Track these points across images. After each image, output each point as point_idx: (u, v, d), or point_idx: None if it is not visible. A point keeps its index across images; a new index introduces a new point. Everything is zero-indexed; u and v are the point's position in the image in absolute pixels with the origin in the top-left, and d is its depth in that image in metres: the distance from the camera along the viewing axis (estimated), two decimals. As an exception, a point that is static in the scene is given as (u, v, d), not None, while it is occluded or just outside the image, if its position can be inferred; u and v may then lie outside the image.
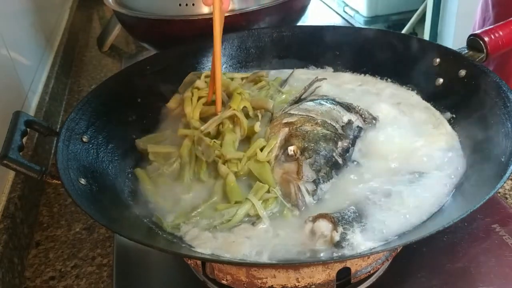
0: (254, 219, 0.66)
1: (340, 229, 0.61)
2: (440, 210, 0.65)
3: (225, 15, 1.01)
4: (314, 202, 0.68)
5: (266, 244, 0.62)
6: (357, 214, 0.64)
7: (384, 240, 0.61)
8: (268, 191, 0.68)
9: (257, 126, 0.78)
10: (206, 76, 0.89)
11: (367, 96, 0.89)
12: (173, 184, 0.74)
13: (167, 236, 0.65)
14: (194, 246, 0.62)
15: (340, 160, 0.72)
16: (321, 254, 0.60)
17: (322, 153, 0.71)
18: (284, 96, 0.91)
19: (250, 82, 0.94)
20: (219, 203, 0.69)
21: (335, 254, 0.59)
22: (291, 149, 0.71)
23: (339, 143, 0.74)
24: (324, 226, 0.62)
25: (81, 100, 0.78)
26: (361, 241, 0.60)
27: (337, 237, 0.60)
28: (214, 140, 0.75)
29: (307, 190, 0.67)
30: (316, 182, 0.68)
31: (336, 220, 0.62)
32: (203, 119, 0.82)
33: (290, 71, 0.99)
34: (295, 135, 0.73)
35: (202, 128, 0.77)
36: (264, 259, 0.60)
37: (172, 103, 0.90)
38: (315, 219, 0.63)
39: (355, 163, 0.74)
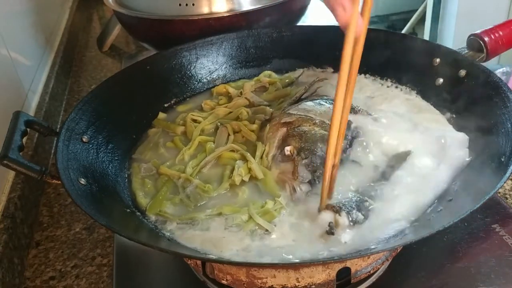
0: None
1: (343, 213, 0.62)
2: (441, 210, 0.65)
3: (225, 15, 1.01)
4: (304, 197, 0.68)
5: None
6: (359, 200, 0.65)
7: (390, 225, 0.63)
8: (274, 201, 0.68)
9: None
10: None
11: (367, 96, 0.89)
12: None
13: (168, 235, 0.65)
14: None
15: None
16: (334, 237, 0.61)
17: (318, 154, 0.71)
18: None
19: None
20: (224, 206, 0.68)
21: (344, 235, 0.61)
22: (287, 149, 0.71)
23: (336, 144, 0.74)
24: (328, 217, 0.63)
25: (81, 100, 0.78)
26: (368, 223, 0.62)
27: (341, 220, 0.62)
28: (208, 185, 0.71)
29: (301, 191, 0.68)
30: (311, 183, 0.69)
31: (338, 208, 0.63)
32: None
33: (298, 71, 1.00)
34: (292, 135, 0.73)
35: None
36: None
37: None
38: (319, 212, 0.64)
39: (354, 162, 0.74)
